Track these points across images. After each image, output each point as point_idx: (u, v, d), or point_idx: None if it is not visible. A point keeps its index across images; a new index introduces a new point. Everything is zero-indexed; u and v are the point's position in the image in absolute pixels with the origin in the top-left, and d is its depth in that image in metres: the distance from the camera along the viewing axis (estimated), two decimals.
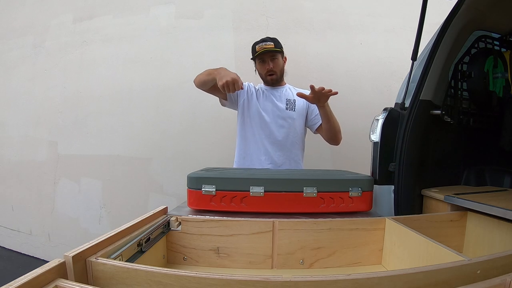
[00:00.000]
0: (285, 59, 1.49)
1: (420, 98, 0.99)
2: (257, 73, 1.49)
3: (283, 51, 1.44)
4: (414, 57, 1.04)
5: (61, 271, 0.43)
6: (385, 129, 1.00)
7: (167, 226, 0.76)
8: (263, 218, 0.77)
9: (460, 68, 1.10)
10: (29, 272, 0.39)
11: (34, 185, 2.20)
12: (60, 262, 0.43)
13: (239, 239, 0.75)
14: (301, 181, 0.88)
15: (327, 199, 0.88)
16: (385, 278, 0.44)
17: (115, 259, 0.51)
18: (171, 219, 0.77)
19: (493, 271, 0.47)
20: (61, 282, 0.41)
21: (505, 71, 1.12)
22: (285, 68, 1.49)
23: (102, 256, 0.49)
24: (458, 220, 0.85)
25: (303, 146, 1.49)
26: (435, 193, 0.95)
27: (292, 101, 1.44)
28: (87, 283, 0.47)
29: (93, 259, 0.48)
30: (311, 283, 0.42)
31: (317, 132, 1.46)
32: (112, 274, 0.47)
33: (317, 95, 1.16)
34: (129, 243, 0.59)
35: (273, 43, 1.39)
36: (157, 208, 0.78)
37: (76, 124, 2.13)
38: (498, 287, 0.42)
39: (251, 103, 1.44)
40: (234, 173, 0.99)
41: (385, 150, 1.00)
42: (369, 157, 1.04)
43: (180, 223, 0.77)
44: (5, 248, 2.29)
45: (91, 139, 2.10)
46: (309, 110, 1.45)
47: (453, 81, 1.09)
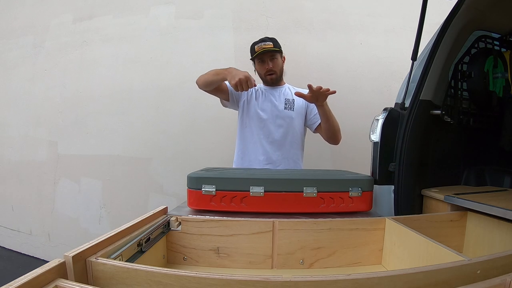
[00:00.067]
0: (284, 58, 1.49)
1: (420, 98, 0.99)
2: (257, 73, 1.49)
3: (282, 50, 1.44)
4: (414, 57, 1.04)
5: (61, 271, 0.43)
6: (385, 129, 1.01)
7: (167, 226, 0.76)
8: (263, 218, 0.77)
9: (460, 68, 1.10)
10: (29, 272, 0.39)
11: (34, 185, 2.20)
12: (60, 262, 0.44)
13: (239, 239, 0.75)
14: (301, 181, 0.88)
15: (327, 199, 0.88)
16: (385, 278, 0.44)
17: (115, 259, 0.51)
18: (171, 219, 0.77)
19: (493, 271, 0.47)
20: (61, 282, 0.41)
21: (505, 71, 1.12)
22: (284, 67, 1.49)
23: (102, 256, 0.49)
24: (458, 220, 0.85)
25: (302, 146, 1.49)
26: (435, 193, 0.95)
27: (291, 101, 1.44)
28: (87, 283, 0.47)
29: (93, 259, 0.48)
30: (311, 283, 0.42)
31: (316, 131, 1.46)
32: (112, 274, 0.47)
33: (315, 94, 1.16)
34: (129, 243, 0.59)
35: (272, 43, 1.39)
36: (157, 208, 0.78)
37: (76, 124, 2.13)
38: (498, 287, 0.42)
39: (251, 103, 1.44)
40: (234, 173, 0.99)
41: (385, 150, 1.00)
42: (369, 157, 1.04)
43: (180, 223, 0.77)
44: (5, 248, 2.29)
45: (91, 139, 2.10)
46: (308, 109, 1.45)
47: (453, 81, 1.09)
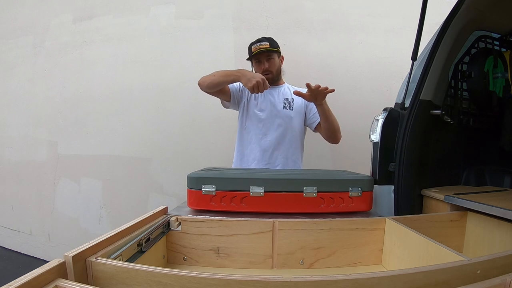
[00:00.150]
0: (282, 58, 1.49)
1: (420, 98, 0.99)
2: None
3: (280, 50, 1.44)
4: (414, 57, 1.04)
5: (61, 271, 0.43)
6: (385, 129, 1.00)
7: (167, 226, 0.76)
8: (263, 218, 0.77)
9: (460, 68, 1.10)
10: (29, 272, 0.39)
11: (34, 185, 2.20)
12: (60, 262, 0.43)
13: (239, 239, 0.75)
14: (301, 181, 0.88)
15: (327, 199, 0.88)
16: (385, 278, 0.44)
17: (115, 259, 0.51)
18: (171, 219, 0.77)
19: (493, 271, 0.47)
20: (61, 282, 0.41)
21: (505, 71, 1.12)
22: (282, 67, 1.49)
23: (102, 256, 0.49)
24: (458, 220, 0.85)
25: (302, 145, 1.49)
26: (435, 193, 0.95)
27: (290, 100, 1.44)
28: (87, 283, 0.47)
29: (93, 259, 0.48)
30: (311, 283, 0.42)
31: (316, 130, 1.46)
32: (112, 274, 0.47)
33: (314, 93, 1.16)
34: (129, 243, 0.59)
35: (268, 43, 1.38)
36: (157, 208, 0.78)
37: (76, 124, 2.13)
38: (498, 287, 0.42)
39: (250, 103, 1.44)
40: (234, 173, 0.99)
41: (385, 150, 1.00)
42: (369, 157, 1.04)
43: (180, 223, 0.77)
44: (5, 248, 2.29)
45: (91, 139, 2.10)
46: (308, 108, 1.44)
47: (453, 81, 1.09)
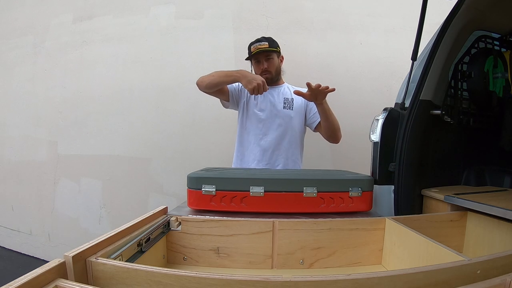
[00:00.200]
0: (282, 58, 1.48)
1: (420, 98, 0.99)
2: (254, 73, 1.49)
3: (279, 50, 1.44)
4: (414, 57, 1.04)
5: (61, 271, 0.43)
6: (385, 129, 1.00)
7: (167, 226, 0.76)
8: (263, 218, 0.77)
9: (460, 68, 1.10)
10: (29, 272, 0.39)
11: (34, 185, 2.20)
12: (60, 262, 0.43)
13: (239, 239, 0.75)
14: (301, 181, 0.88)
15: (327, 199, 0.88)
16: (385, 278, 0.44)
17: (115, 259, 0.51)
18: (171, 219, 0.77)
19: (493, 271, 0.47)
20: (61, 282, 0.41)
21: (505, 71, 1.12)
22: (283, 67, 1.49)
23: (102, 256, 0.49)
24: (458, 220, 0.85)
25: (301, 145, 1.49)
26: (435, 193, 0.95)
27: (290, 100, 1.44)
28: (87, 283, 0.47)
29: (93, 259, 0.48)
30: (311, 283, 0.42)
31: (316, 130, 1.46)
32: (112, 274, 0.47)
33: (314, 93, 1.16)
34: (129, 243, 0.59)
35: (267, 43, 1.38)
36: (157, 208, 0.78)
37: (76, 124, 2.13)
38: (498, 287, 0.42)
39: (250, 103, 1.44)
40: (234, 173, 0.99)
41: (385, 150, 1.00)
42: (369, 157, 1.04)
43: (180, 223, 0.77)
44: (5, 248, 2.29)
45: (91, 139, 2.10)
46: (308, 108, 1.44)
47: (453, 81, 1.09)
